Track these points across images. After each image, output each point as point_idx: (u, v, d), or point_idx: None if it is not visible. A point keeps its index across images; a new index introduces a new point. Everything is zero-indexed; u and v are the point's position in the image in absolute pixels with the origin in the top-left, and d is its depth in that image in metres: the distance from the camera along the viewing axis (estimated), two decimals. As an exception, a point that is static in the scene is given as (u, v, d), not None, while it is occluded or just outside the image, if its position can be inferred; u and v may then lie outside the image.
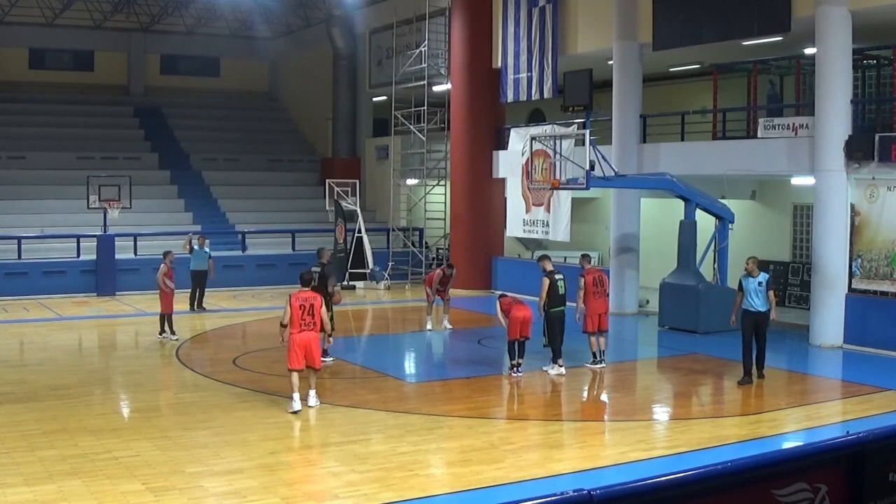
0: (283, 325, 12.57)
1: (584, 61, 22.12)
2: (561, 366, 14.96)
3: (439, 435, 11.59)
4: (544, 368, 15.08)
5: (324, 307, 12.92)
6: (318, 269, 15.54)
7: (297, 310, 12.32)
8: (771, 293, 14.47)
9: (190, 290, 22.13)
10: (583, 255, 16.68)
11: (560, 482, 9.49)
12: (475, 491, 9.44)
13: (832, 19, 17.42)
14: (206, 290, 22.65)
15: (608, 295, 16.21)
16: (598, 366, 15.35)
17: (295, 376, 12.36)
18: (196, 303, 22.29)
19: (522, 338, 14.97)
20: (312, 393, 12.61)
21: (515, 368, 14.96)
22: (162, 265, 18.61)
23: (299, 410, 12.20)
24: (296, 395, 12.28)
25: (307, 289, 12.75)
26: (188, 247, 22.59)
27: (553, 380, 14.77)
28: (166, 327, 18.20)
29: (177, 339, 17.99)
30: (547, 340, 15.12)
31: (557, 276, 15.15)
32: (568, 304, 15.39)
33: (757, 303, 14.30)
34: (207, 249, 22.66)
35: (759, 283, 14.32)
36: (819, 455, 6.27)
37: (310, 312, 12.38)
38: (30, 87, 35.74)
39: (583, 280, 15.55)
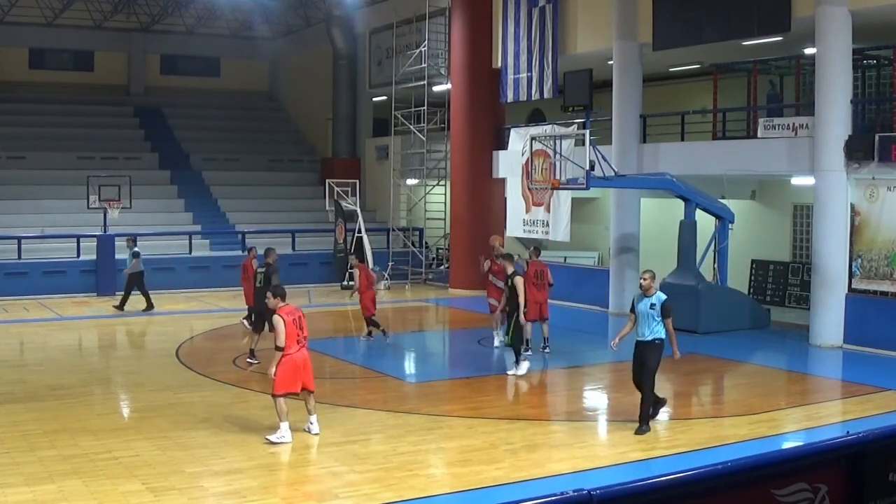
0: (279, 349, 10.88)
1: (584, 61, 22.12)
2: (525, 362, 15.05)
3: (439, 435, 11.58)
4: (509, 372, 14.98)
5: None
6: (262, 269, 16.01)
7: (291, 326, 10.91)
8: (668, 321, 11.52)
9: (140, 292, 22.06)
10: (533, 248, 17.55)
11: (560, 482, 9.48)
12: (475, 491, 9.44)
13: (832, 19, 17.42)
14: (134, 292, 22.15)
15: (550, 286, 16.88)
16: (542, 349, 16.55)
17: (283, 402, 10.94)
18: (122, 303, 22.09)
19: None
20: (314, 418, 11.35)
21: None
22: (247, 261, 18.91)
23: (290, 442, 10.90)
24: (286, 425, 10.92)
25: (286, 302, 11.26)
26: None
27: (547, 380, 14.73)
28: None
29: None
30: (510, 340, 15.01)
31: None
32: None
33: (643, 330, 11.55)
34: (136, 249, 22.36)
35: (652, 306, 11.46)
36: (819, 455, 6.28)
37: (301, 326, 11.07)
38: (30, 87, 35.73)
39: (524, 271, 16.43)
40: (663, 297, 11.51)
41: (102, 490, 9.27)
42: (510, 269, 15.10)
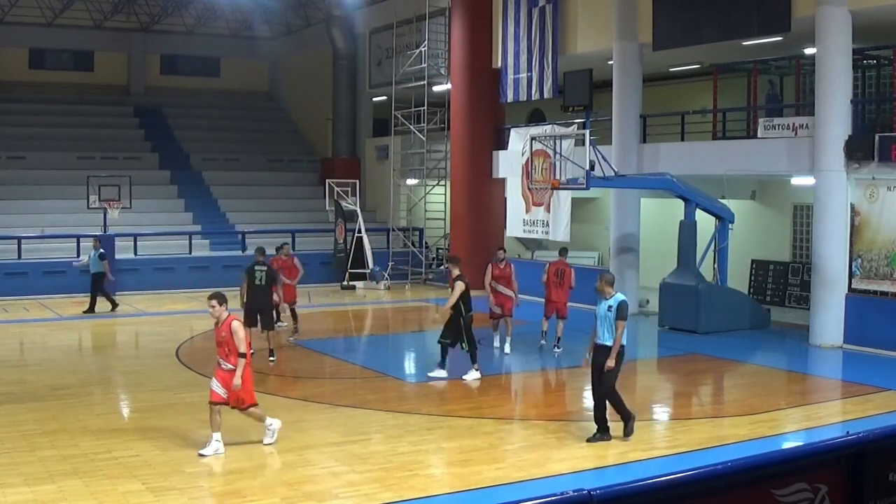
0: (244, 355, 10.47)
1: (584, 61, 22.12)
2: (478, 370, 14.70)
3: (439, 435, 11.58)
4: (464, 377, 14.58)
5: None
6: (262, 269, 16.15)
7: (248, 335, 10.86)
8: (620, 324, 10.89)
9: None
10: (561, 248, 18.30)
11: (560, 482, 9.49)
12: (475, 491, 9.44)
13: (832, 19, 17.42)
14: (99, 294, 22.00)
15: (571, 288, 17.40)
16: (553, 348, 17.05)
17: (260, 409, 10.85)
18: (91, 306, 21.90)
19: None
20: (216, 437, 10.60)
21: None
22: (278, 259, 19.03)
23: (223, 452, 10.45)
24: (277, 422, 10.95)
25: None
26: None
27: (549, 380, 14.73)
28: None
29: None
30: (467, 345, 14.54)
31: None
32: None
33: (602, 333, 11.05)
34: (102, 250, 22.24)
35: (609, 308, 11.07)
36: (819, 455, 6.27)
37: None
38: (30, 87, 35.74)
39: (545, 270, 17.43)
40: (621, 297, 11.13)
41: (102, 490, 9.27)
42: (455, 272, 14.82)
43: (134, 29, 37.60)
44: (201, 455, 10.31)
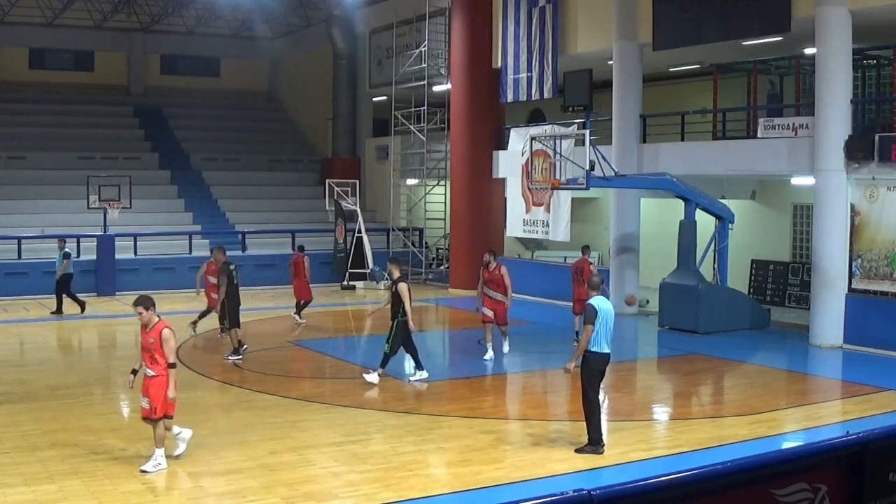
0: (173, 366, 10.02)
1: (584, 61, 22.12)
2: (380, 374, 14.25)
3: (439, 435, 11.58)
4: (411, 380, 14.44)
5: None
6: (234, 267, 16.41)
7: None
8: (586, 328, 10.61)
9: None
10: (584, 246, 18.73)
11: (560, 482, 9.49)
12: (475, 491, 9.44)
13: (832, 19, 17.42)
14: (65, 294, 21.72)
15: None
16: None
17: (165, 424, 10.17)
18: (58, 307, 21.64)
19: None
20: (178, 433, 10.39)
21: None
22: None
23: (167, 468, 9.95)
24: (162, 451, 10.06)
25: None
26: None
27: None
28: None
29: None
30: (389, 348, 14.20)
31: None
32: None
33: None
34: (67, 250, 22.07)
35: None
36: (819, 455, 6.27)
37: None
38: (30, 87, 35.74)
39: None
40: (590, 300, 10.69)
41: (102, 490, 9.27)
42: (396, 274, 14.37)
43: (134, 29, 37.60)
44: (143, 471, 9.77)
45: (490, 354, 16.36)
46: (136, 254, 26.33)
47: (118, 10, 36.00)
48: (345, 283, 27.09)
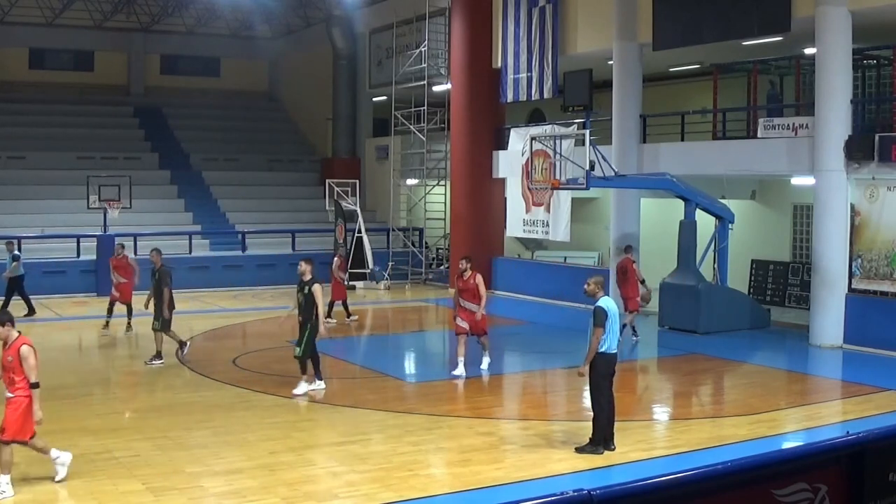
0: (36, 386, 9.14)
1: (584, 61, 22.12)
2: (321, 378, 13.69)
3: (439, 435, 11.58)
4: (294, 391, 13.44)
5: None
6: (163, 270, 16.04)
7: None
8: (596, 330, 10.51)
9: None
10: (626, 246, 19.15)
11: (560, 482, 9.48)
12: (475, 491, 9.44)
13: (832, 19, 17.42)
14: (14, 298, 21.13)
15: (642, 282, 18.24)
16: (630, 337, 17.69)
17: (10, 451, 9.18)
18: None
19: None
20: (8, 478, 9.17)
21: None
22: (336, 258, 20.73)
23: (13, 495, 9.07)
24: (7, 478, 9.14)
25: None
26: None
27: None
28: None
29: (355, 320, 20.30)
30: (301, 352, 13.44)
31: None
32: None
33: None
34: (17, 252, 21.87)
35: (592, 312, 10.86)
36: (819, 455, 6.28)
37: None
38: (30, 87, 35.74)
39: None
40: (598, 302, 10.55)
41: (102, 490, 9.27)
42: (308, 276, 13.55)
43: (134, 29, 37.60)
44: None
45: (461, 371, 14.79)
46: (136, 254, 26.24)
47: (118, 10, 36.00)
48: (345, 283, 27.05)
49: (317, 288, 13.41)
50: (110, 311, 19.35)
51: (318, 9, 34.52)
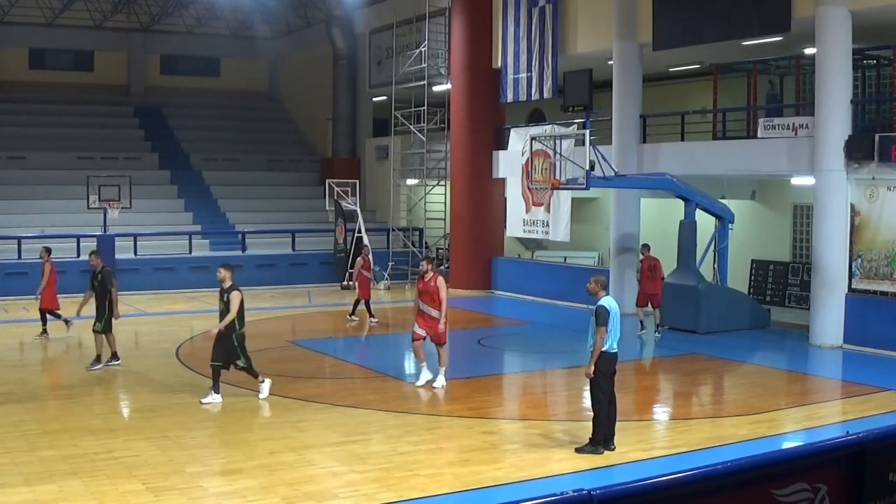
0: None
1: (584, 61, 22.13)
2: (262, 381, 13.13)
3: (439, 435, 11.59)
4: (260, 397, 13.04)
5: None
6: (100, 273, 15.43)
7: None
8: (599, 330, 10.45)
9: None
10: (643, 245, 19.35)
11: (560, 482, 9.48)
12: (475, 491, 9.44)
13: (832, 19, 17.42)
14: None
15: (662, 279, 18.74)
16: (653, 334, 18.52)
17: None
18: None
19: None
20: None
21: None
22: (360, 258, 21.12)
23: None
24: None
25: None
26: None
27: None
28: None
29: (377, 322, 20.49)
30: (244, 361, 12.96)
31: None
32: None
33: (589, 339, 10.71)
34: None
35: (592, 312, 10.83)
36: (819, 455, 6.28)
37: None
38: (30, 87, 35.73)
39: (639, 265, 18.80)
40: (600, 301, 10.54)
41: (102, 490, 9.27)
42: (228, 283, 12.86)
43: (134, 29, 37.60)
44: None
45: (425, 377, 13.96)
46: (136, 254, 26.33)
47: (118, 10, 35.99)
48: (345, 283, 27.07)
49: (235, 295, 12.72)
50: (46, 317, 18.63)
51: (318, 9, 34.52)
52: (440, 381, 13.91)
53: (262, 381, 13.18)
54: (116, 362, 15.54)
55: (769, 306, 21.64)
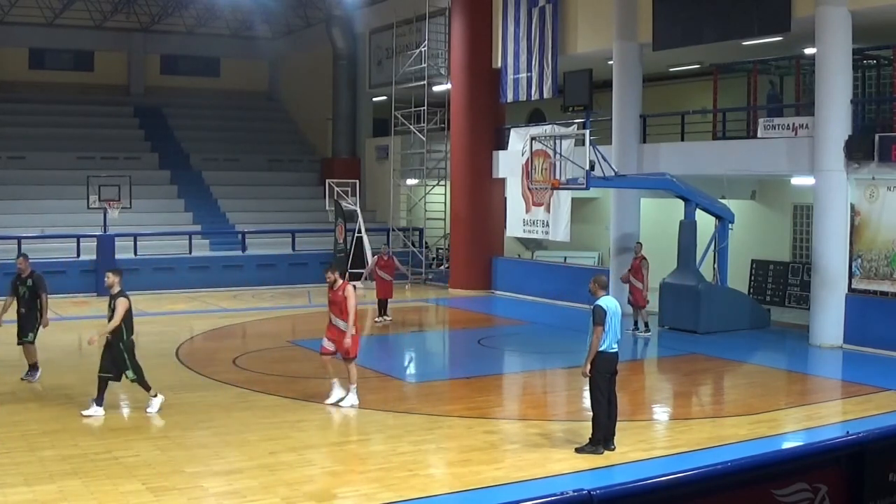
0: None
1: (584, 61, 22.13)
2: (101, 405, 12.27)
3: (439, 435, 11.58)
4: (148, 411, 12.36)
5: None
6: (28, 279, 14.23)
7: None
8: (595, 329, 10.46)
9: None
10: (637, 243, 19.74)
11: (560, 482, 9.48)
12: (475, 491, 9.44)
13: (832, 19, 17.42)
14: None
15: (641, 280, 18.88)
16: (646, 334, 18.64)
17: None
18: None
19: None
20: None
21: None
22: (376, 257, 21.10)
23: None
24: None
25: None
26: None
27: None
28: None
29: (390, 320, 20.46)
30: (133, 372, 12.35)
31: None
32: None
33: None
34: None
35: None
36: (819, 455, 6.28)
37: None
38: (30, 87, 35.73)
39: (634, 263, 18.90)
40: (598, 301, 10.52)
41: (102, 490, 9.27)
42: (116, 288, 12.32)
43: (134, 29, 37.59)
44: None
45: (336, 395, 12.83)
46: (136, 254, 26.32)
47: (118, 10, 35.99)
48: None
49: (121, 302, 12.10)
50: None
51: (318, 9, 34.52)
52: (350, 401, 12.66)
53: (155, 396, 12.40)
54: (37, 374, 14.36)
55: (769, 306, 21.65)
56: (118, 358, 12.23)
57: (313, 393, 13.71)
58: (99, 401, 12.22)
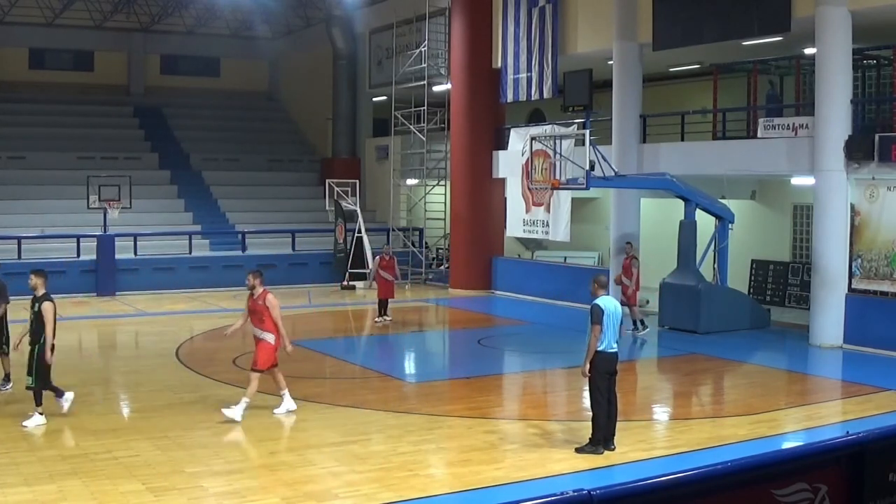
0: None
1: (584, 61, 22.12)
2: (39, 415, 11.70)
3: (439, 435, 11.58)
4: (23, 423, 11.58)
5: None
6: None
7: None
8: (592, 328, 10.50)
9: None
10: (627, 243, 19.85)
11: (560, 482, 9.48)
12: (475, 491, 9.43)
13: (832, 19, 17.42)
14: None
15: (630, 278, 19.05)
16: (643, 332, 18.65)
17: None
18: None
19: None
20: None
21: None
22: (378, 257, 20.83)
23: None
24: None
25: None
26: None
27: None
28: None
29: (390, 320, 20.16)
30: (34, 381, 11.85)
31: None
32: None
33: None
34: None
35: None
36: (819, 455, 6.28)
37: None
38: (30, 87, 35.73)
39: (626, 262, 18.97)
40: (596, 300, 10.56)
41: (102, 490, 9.27)
42: (41, 291, 11.92)
43: (134, 29, 37.59)
44: None
45: (286, 406, 12.12)
46: (135, 254, 26.33)
47: (118, 10, 35.99)
48: (345, 283, 27.09)
49: (47, 306, 11.67)
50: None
51: (318, 9, 34.52)
52: (235, 413, 11.61)
53: (37, 415, 11.61)
54: (9, 385, 13.96)
55: (769, 306, 21.64)
56: (30, 361, 11.77)
57: (313, 393, 13.71)
58: (39, 400, 11.77)
